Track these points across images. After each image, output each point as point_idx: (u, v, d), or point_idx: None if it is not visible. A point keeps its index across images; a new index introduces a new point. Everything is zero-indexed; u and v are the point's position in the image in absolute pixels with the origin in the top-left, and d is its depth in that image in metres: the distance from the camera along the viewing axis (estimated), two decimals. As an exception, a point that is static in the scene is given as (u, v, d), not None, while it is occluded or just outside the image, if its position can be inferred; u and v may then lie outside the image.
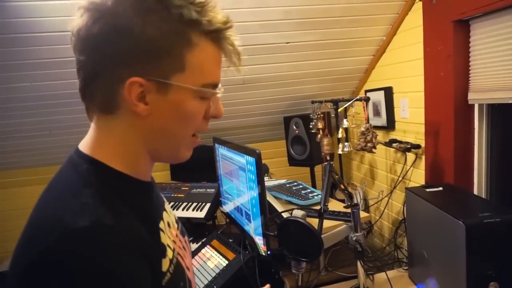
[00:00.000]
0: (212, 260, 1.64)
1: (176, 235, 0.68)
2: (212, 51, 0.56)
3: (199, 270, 1.61)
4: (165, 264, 0.55)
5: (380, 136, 2.13)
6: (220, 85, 0.61)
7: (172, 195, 2.19)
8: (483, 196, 1.59)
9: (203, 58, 0.54)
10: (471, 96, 1.54)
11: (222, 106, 0.64)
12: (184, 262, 0.65)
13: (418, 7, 1.75)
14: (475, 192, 1.60)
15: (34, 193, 2.30)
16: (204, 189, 2.19)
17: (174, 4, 0.50)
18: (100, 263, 0.42)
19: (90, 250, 0.42)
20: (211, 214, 2.01)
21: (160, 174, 2.64)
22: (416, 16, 1.78)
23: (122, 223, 0.48)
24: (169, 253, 0.58)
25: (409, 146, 1.87)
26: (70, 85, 1.88)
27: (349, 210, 1.38)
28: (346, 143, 1.83)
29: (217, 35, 0.55)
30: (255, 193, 1.35)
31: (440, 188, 1.43)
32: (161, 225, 0.61)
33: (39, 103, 1.96)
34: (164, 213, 0.67)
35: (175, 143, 0.59)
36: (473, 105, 1.57)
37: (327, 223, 1.57)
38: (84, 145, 0.58)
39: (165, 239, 0.60)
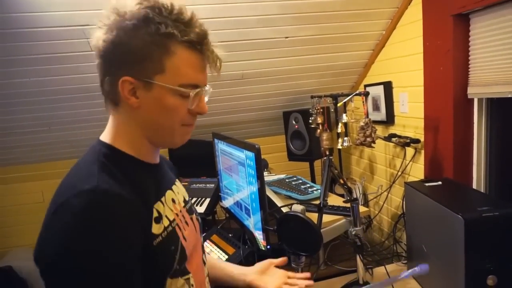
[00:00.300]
0: (212, 254, 1.65)
1: (180, 211, 0.82)
2: (190, 57, 0.68)
3: (199, 265, 1.62)
4: (158, 229, 0.70)
5: (380, 130, 2.13)
6: (207, 86, 0.76)
7: (172, 190, 2.20)
8: (482, 190, 1.60)
9: (179, 63, 0.67)
10: (470, 91, 1.54)
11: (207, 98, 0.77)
12: (182, 232, 0.78)
13: (417, 1, 1.74)
14: (474, 186, 1.61)
15: (34, 189, 2.31)
16: (203, 184, 2.20)
17: (155, 21, 0.64)
18: (92, 214, 0.59)
19: (87, 204, 0.60)
20: (211, 209, 2.01)
21: (160, 170, 2.64)
22: (415, 10, 1.77)
23: (116, 189, 0.63)
24: (165, 222, 0.73)
25: (408, 140, 1.87)
26: (69, 80, 1.87)
27: (348, 205, 1.39)
28: (345, 138, 1.83)
29: (193, 44, 0.68)
30: (254, 188, 1.35)
31: (439, 183, 1.43)
32: (162, 199, 0.76)
33: (39, 99, 1.96)
34: (169, 191, 0.82)
35: (165, 132, 0.74)
36: (472, 100, 1.57)
37: (326, 218, 1.58)
38: (103, 134, 0.75)
39: (164, 210, 0.75)
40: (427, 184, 1.42)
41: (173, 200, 0.81)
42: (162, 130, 0.73)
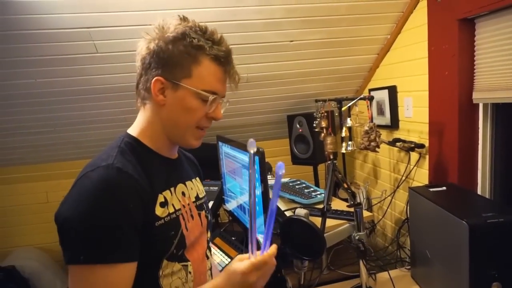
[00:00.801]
0: (214, 258, 1.65)
1: (188, 204, 0.91)
2: (214, 68, 0.81)
3: (201, 268, 1.62)
4: (162, 212, 0.80)
5: (384, 135, 2.12)
6: (225, 98, 0.88)
7: (175, 192, 2.20)
8: (487, 196, 1.58)
9: (204, 72, 0.80)
10: (475, 96, 1.53)
11: (224, 110, 0.87)
12: (185, 223, 0.87)
13: (423, 6, 1.74)
14: (479, 192, 1.59)
15: (38, 189, 2.31)
16: (207, 187, 2.19)
17: (190, 36, 0.78)
18: (101, 184, 0.71)
19: (100, 176, 0.72)
20: (214, 212, 2.01)
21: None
22: (420, 14, 1.77)
23: (128, 170, 0.75)
24: (170, 209, 0.83)
25: (412, 145, 1.86)
26: (75, 82, 1.89)
27: (352, 209, 1.38)
28: (349, 142, 1.82)
29: (218, 58, 0.81)
30: (258, 191, 1.35)
31: (444, 188, 1.42)
32: (172, 189, 0.86)
33: (45, 100, 1.97)
34: (181, 184, 0.91)
35: (181, 130, 0.84)
36: (477, 105, 1.56)
37: (330, 222, 1.57)
38: (130, 127, 0.87)
39: (172, 199, 0.84)
40: (431, 189, 1.42)
41: (183, 193, 0.91)
42: (179, 128, 0.84)
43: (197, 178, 1.04)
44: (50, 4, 1.51)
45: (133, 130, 0.86)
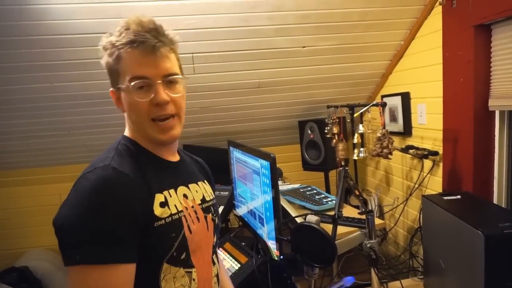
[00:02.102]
0: (224, 263, 1.64)
1: (192, 206, 0.89)
2: (131, 55, 0.78)
3: (211, 273, 1.61)
4: (162, 212, 0.78)
5: (397, 142, 2.10)
6: (176, 77, 0.83)
7: (186, 196, 2.20)
8: (503, 205, 1.54)
9: (126, 64, 0.78)
10: (491, 103, 1.51)
11: (162, 94, 0.80)
12: (188, 225, 0.84)
13: (437, 12, 1.72)
14: (495, 201, 1.56)
15: (52, 191, 2.34)
16: (218, 192, 2.20)
17: (105, 42, 0.81)
18: (98, 184, 0.71)
19: (97, 176, 0.72)
20: (224, 217, 2.01)
21: (175, 176, 2.66)
22: (435, 20, 1.75)
23: (124, 169, 0.75)
24: (172, 209, 0.81)
25: (426, 152, 1.83)
26: (91, 86, 1.92)
27: (363, 217, 1.36)
28: (361, 149, 1.81)
29: (130, 44, 0.77)
30: (269, 197, 1.35)
31: (458, 197, 1.40)
32: (171, 190, 0.84)
33: (59, 104, 2.01)
34: (183, 187, 0.89)
35: (142, 128, 0.83)
36: (493, 112, 1.53)
37: (341, 229, 1.55)
38: (126, 129, 0.88)
39: (173, 200, 0.83)
40: (445, 198, 1.39)
41: (185, 195, 0.89)
42: (139, 127, 0.83)
43: (205, 181, 1.02)
44: (69, 9, 1.54)
45: (128, 132, 0.87)
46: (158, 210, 0.77)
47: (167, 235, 0.79)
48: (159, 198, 0.79)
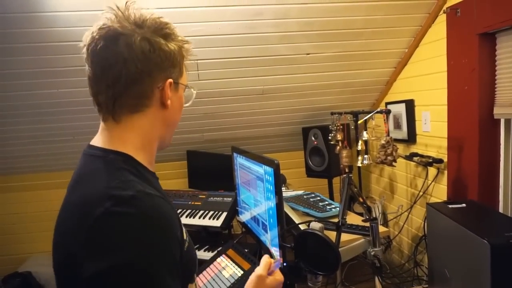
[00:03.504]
0: (227, 269, 1.64)
1: None
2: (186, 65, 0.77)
3: (214, 279, 1.61)
4: (185, 234, 0.70)
5: (401, 149, 2.09)
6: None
7: (189, 202, 2.21)
8: (509, 214, 1.53)
9: (183, 70, 0.76)
10: (496, 111, 1.50)
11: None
12: None
13: (441, 20, 1.73)
14: (501, 210, 1.54)
15: (57, 196, 2.34)
16: (221, 198, 2.20)
17: (179, 38, 0.74)
18: (149, 224, 0.58)
19: (138, 207, 0.58)
20: (227, 223, 2.01)
21: (178, 182, 2.67)
22: (439, 28, 1.75)
23: (157, 193, 0.63)
24: (185, 236, 0.71)
25: (430, 160, 1.82)
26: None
27: (367, 224, 1.36)
28: (365, 156, 1.80)
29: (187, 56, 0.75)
30: (272, 203, 1.34)
31: (463, 205, 1.38)
32: None
33: (64, 109, 2.03)
34: None
35: (174, 128, 0.78)
36: (499, 120, 1.52)
37: (344, 237, 1.55)
38: (102, 142, 0.70)
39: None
40: (450, 206, 1.38)
41: None
42: (174, 127, 0.78)
43: None
44: (76, 17, 1.56)
45: (114, 145, 0.69)
46: (184, 235, 0.69)
47: (192, 255, 0.73)
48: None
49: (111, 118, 0.70)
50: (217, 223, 1.97)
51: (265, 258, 0.94)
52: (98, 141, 0.71)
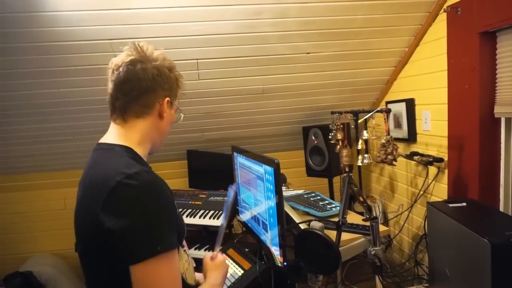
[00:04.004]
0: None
1: None
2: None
3: (214, 279, 1.60)
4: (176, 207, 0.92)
5: (401, 148, 2.09)
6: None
7: (190, 202, 2.21)
8: (510, 213, 1.53)
9: (177, 93, 1.02)
10: (497, 110, 1.50)
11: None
12: None
13: (442, 18, 1.72)
14: (501, 208, 1.54)
15: (57, 196, 2.36)
16: (221, 197, 2.20)
17: (177, 72, 1.01)
18: (157, 185, 0.84)
19: (147, 181, 0.83)
20: (227, 222, 2.01)
21: (178, 181, 2.67)
22: (440, 27, 1.75)
23: (154, 173, 0.87)
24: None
25: (431, 159, 1.82)
26: (96, 91, 1.94)
27: (368, 223, 1.36)
28: (365, 155, 1.80)
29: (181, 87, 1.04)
30: (272, 203, 1.34)
31: (464, 204, 1.38)
32: None
33: (65, 109, 2.03)
34: None
35: (165, 139, 1.03)
36: (499, 119, 1.52)
37: (345, 236, 1.55)
38: (110, 140, 0.94)
39: None
40: (450, 205, 1.38)
41: None
42: (165, 137, 1.03)
43: None
44: (77, 16, 1.56)
45: (120, 140, 0.93)
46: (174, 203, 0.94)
47: (180, 224, 0.95)
48: None
49: (122, 118, 0.94)
50: (218, 222, 1.97)
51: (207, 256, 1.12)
52: (106, 139, 0.95)
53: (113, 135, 0.95)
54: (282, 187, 1.80)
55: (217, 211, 2.06)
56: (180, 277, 0.86)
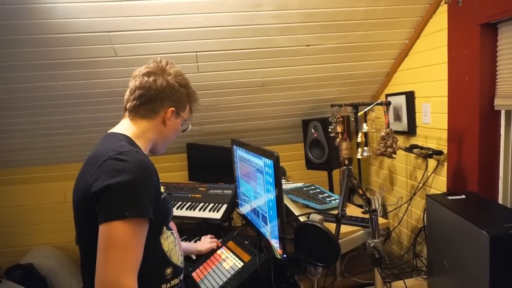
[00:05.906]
0: (227, 261, 1.65)
1: None
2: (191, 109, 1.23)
3: (214, 271, 1.62)
4: (163, 190, 1.05)
5: (401, 141, 2.09)
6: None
7: (189, 195, 2.21)
8: (508, 205, 1.53)
9: (188, 108, 1.20)
10: (497, 102, 1.50)
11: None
12: None
13: (443, 10, 1.71)
14: (500, 201, 1.55)
15: (57, 189, 2.36)
16: (221, 190, 2.20)
17: (189, 85, 1.19)
18: (142, 161, 0.95)
19: (138, 156, 0.96)
20: (227, 215, 2.01)
21: (178, 174, 2.67)
22: (440, 19, 1.74)
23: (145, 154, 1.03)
24: (163, 190, 1.06)
25: (430, 152, 1.82)
26: (95, 84, 1.93)
27: (367, 216, 1.36)
28: (365, 148, 1.80)
29: (196, 104, 1.23)
30: (272, 195, 1.35)
31: (463, 196, 1.39)
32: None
33: (64, 102, 2.02)
34: None
35: (167, 143, 1.19)
36: (499, 111, 1.52)
37: (344, 228, 1.55)
38: (115, 130, 1.10)
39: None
40: (450, 198, 1.38)
41: None
42: (167, 142, 1.19)
43: None
44: (75, 8, 1.55)
45: (125, 131, 1.08)
46: (162, 188, 1.04)
47: (167, 204, 1.08)
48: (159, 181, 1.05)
49: (129, 116, 1.11)
50: (217, 215, 1.98)
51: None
52: (113, 130, 1.10)
53: (119, 126, 1.11)
54: (282, 180, 1.80)
55: (216, 204, 2.07)
56: (142, 248, 0.92)
